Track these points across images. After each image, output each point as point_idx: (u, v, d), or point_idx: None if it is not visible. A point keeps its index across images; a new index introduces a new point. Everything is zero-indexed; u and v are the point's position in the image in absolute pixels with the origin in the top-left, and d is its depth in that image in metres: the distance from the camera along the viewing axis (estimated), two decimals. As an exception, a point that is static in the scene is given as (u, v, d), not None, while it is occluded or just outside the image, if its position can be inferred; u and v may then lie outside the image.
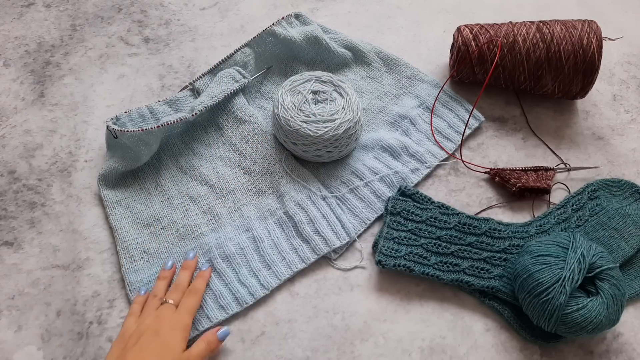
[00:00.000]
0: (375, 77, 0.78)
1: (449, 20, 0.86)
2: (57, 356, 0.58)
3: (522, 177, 0.68)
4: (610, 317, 0.53)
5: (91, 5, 0.87)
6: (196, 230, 0.66)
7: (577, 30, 0.69)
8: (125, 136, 0.66)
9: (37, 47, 0.82)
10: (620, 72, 0.81)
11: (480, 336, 0.60)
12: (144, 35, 0.84)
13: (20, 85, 0.78)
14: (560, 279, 0.53)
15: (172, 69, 0.80)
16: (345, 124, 0.65)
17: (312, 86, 0.68)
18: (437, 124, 0.74)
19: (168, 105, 0.72)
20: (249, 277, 0.62)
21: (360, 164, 0.70)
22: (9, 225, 0.66)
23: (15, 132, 0.74)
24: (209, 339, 0.56)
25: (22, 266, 0.64)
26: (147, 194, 0.68)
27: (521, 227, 0.65)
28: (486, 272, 0.61)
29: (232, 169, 0.70)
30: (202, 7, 0.88)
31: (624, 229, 0.64)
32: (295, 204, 0.66)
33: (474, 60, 0.71)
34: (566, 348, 0.59)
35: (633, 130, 0.75)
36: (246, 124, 0.72)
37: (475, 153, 0.73)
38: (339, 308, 0.61)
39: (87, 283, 0.62)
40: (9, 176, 0.70)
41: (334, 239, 0.64)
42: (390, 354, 0.58)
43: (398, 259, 0.61)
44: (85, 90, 0.78)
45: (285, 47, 0.78)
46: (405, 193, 0.66)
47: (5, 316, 0.60)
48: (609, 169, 0.71)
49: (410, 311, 0.61)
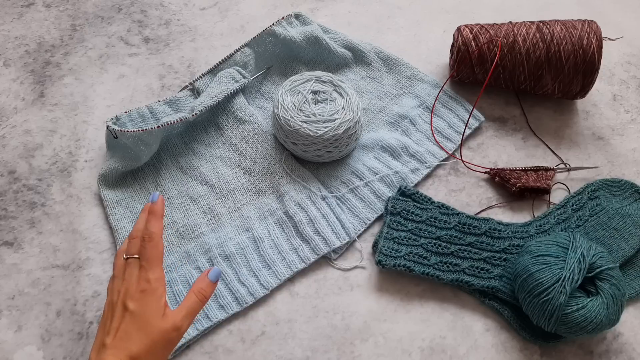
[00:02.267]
0: (375, 77, 0.78)
1: (449, 20, 0.86)
2: (57, 356, 0.58)
3: (522, 177, 0.68)
4: (610, 317, 0.53)
5: (91, 5, 0.87)
6: (196, 230, 0.66)
7: (577, 30, 0.69)
8: (125, 136, 0.66)
9: (37, 47, 0.82)
10: (620, 72, 0.81)
11: (480, 336, 0.60)
12: (144, 35, 0.84)
13: (20, 85, 0.78)
14: (560, 279, 0.53)
15: (172, 69, 0.80)
16: (345, 124, 0.65)
17: (312, 86, 0.68)
18: (437, 124, 0.74)
19: (168, 105, 0.72)
20: (249, 276, 0.62)
21: (360, 164, 0.70)
22: (9, 225, 0.66)
23: (15, 132, 0.74)
24: (199, 287, 0.50)
25: (22, 266, 0.64)
26: (147, 194, 0.68)
27: (521, 227, 0.65)
28: (486, 272, 0.61)
29: (232, 169, 0.70)
30: (202, 7, 0.88)
31: (624, 229, 0.64)
32: (295, 204, 0.66)
33: (474, 60, 0.71)
34: (566, 348, 0.59)
35: (633, 130, 0.75)
36: (246, 124, 0.72)
37: (475, 153, 0.73)
38: (339, 308, 0.61)
39: (87, 283, 0.62)
40: (9, 176, 0.70)
41: (334, 239, 0.64)
42: (390, 354, 0.58)
43: (398, 259, 0.61)
44: (85, 90, 0.78)
45: (285, 47, 0.78)
46: (405, 193, 0.66)
47: (5, 316, 0.60)
48: (609, 169, 0.72)
49: (410, 311, 0.61)
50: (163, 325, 0.47)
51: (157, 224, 0.50)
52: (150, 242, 0.49)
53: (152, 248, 0.49)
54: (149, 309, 0.47)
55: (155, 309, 0.47)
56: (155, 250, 0.49)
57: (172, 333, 0.47)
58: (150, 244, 0.49)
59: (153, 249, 0.49)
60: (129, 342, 0.46)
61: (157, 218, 0.51)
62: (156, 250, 0.49)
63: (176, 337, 0.48)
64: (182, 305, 0.49)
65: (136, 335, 0.46)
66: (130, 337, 0.46)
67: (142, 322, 0.46)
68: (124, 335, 0.46)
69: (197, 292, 0.49)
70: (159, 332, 0.47)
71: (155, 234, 0.50)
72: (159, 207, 0.52)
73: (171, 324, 0.47)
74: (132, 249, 0.50)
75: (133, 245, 0.50)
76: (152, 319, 0.47)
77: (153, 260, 0.49)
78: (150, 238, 0.49)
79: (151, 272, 0.48)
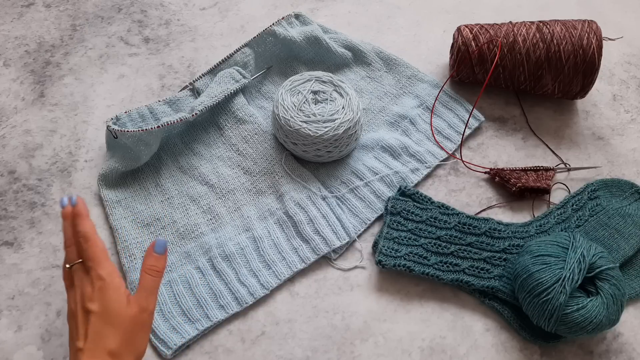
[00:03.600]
0: (375, 77, 0.78)
1: (449, 20, 0.86)
2: (57, 356, 0.58)
3: (522, 177, 0.68)
4: (610, 317, 0.53)
5: (91, 5, 0.87)
6: (196, 230, 0.66)
7: (577, 30, 0.69)
8: (126, 136, 0.66)
9: (37, 47, 0.82)
10: (620, 72, 0.81)
11: (480, 336, 0.60)
12: (144, 35, 0.84)
13: (20, 85, 0.78)
14: (560, 279, 0.53)
15: (172, 69, 0.80)
16: (345, 124, 0.65)
17: (312, 86, 0.68)
18: (437, 124, 0.74)
19: (168, 105, 0.72)
20: (249, 276, 0.62)
21: (360, 164, 0.70)
22: (9, 225, 0.66)
23: (15, 132, 0.74)
24: (149, 264, 0.50)
25: (22, 266, 0.64)
26: (147, 193, 0.68)
27: (521, 227, 0.65)
28: (486, 272, 0.61)
29: (232, 169, 0.70)
30: (202, 7, 0.88)
31: (624, 229, 0.64)
32: (295, 204, 0.66)
33: (474, 60, 0.71)
34: (566, 348, 0.59)
35: (633, 130, 0.75)
36: (246, 124, 0.72)
37: (475, 153, 0.73)
38: (339, 308, 0.61)
39: (87, 283, 0.62)
40: (9, 176, 0.70)
41: (334, 239, 0.64)
42: (390, 354, 0.58)
43: (398, 259, 0.61)
44: (85, 90, 0.78)
45: (285, 47, 0.78)
46: (405, 193, 0.66)
47: (5, 316, 0.60)
48: (609, 169, 0.72)
49: (410, 311, 0.61)
50: (130, 312, 0.47)
51: (86, 223, 0.50)
52: (87, 242, 0.49)
53: (91, 247, 0.48)
54: (111, 302, 0.47)
55: (117, 300, 0.47)
56: (96, 247, 0.49)
57: (142, 315, 0.48)
58: (88, 244, 0.49)
59: (93, 247, 0.48)
60: (103, 340, 0.46)
61: (83, 218, 0.50)
62: (96, 247, 0.49)
63: (147, 318, 0.48)
64: (140, 287, 0.49)
65: (108, 331, 0.46)
66: (103, 335, 0.46)
67: (109, 317, 0.46)
68: (96, 336, 0.46)
69: (149, 269, 0.49)
70: (130, 320, 0.47)
71: (88, 232, 0.49)
72: (82, 207, 0.51)
73: (137, 308, 0.47)
74: (71, 255, 0.50)
75: (71, 252, 0.50)
76: (118, 310, 0.47)
77: (97, 258, 0.48)
78: (86, 239, 0.49)
79: (100, 268, 0.48)
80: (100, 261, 0.48)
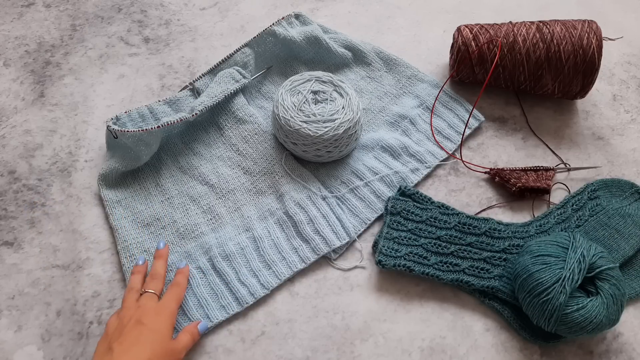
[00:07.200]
0: (375, 77, 0.78)
1: (449, 20, 0.86)
2: (57, 356, 0.58)
3: (522, 177, 0.68)
4: (610, 317, 0.53)
5: (91, 5, 0.87)
6: (196, 230, 0.66)
7: (577, 30, 0.69)
8: (126, 136, 0.66)
9: (37, 47, 0.82)
10: (620, 72, 0.81)
11: (480, 336, 0.60)
12: (144, 35, 0.84)
13: (20, 85, 0.78)
14: (560, 279, 0.53)
15: (172, 69, 0.80)
16: (345, 124, 0.65)
17: (312, 86, 0.68)
18: (437, 124, 0.74)
19: (168, 105, 0.72)
20: (249, 276, 0.62)
21: (360, 164, 0.70)
22: (9, 225, 0.66)
23: (15, 132, 0.74)
24: (191, 331, 0.56)
25: (22, 266, 0.64)
26: (147, 193, 0.68)
27: (521, 227, 0.65)
28: (486, 272, 0.61)
29: (232, 169, 0.70)
30: (202, 7, 0.88)
31: (624, 229, 0.64)
32: (295, 204, 0.66)
33: (474, 60, 0.71)
34: (566, 348, 0.59)
35: (633, 130, 0.75)
36: (246, 124, 0.72)
37: (475, 153, 0.73)
38: (339, 308, 0.61)
39: (87, 283, 0.62)
40: (9, 176, 0.70)
41: (334, 239, 0.64)
42: (390, 354, 0.58)
43: (398, 259, 0.61)
44: (85, 90, 0.78)
45: (285, 47, 0.78)
46: (405, 193, 0.66)
47: (5, 316, 0.60)
48: (609, 169, 0.72)
49: (410, 311, 0.61)
50: (173, 345, 0.53)
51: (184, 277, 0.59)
52: (178, 288, 0.58)
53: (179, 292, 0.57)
54: (161, 327, 0.53)
55: (168, 329, 0.53)
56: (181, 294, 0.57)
57: (178, 354, 0.53)
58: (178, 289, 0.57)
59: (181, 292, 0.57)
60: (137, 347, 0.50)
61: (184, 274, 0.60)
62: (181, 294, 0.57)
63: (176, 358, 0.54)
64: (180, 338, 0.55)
65: (146, 344, 0.51)
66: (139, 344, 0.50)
67: (155, 335, 0.52)
68: (135, 341, 0.51)
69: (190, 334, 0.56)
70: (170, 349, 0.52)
71: (183, 284, 0.58)
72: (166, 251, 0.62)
73: (182, 345, 0.54)
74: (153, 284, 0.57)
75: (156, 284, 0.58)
76: (165, 335, 0.52)
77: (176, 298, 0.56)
78: (179, 285, 0.58)
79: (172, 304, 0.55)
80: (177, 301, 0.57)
